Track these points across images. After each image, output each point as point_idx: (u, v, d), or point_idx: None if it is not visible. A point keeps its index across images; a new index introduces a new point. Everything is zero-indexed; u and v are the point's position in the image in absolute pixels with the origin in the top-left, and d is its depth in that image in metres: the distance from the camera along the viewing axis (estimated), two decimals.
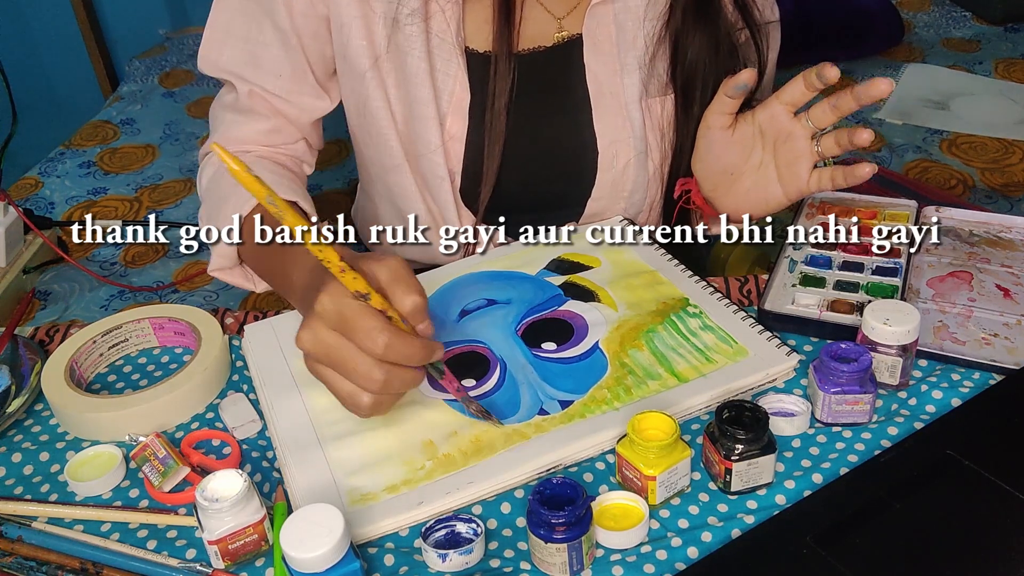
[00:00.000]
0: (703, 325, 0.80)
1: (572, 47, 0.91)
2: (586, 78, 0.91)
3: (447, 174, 0.92)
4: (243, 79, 0.91)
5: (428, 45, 0.87)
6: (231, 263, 0.88)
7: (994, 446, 0.66)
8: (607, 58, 0.91)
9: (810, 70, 0.77)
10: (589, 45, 0.90)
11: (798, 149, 0.82)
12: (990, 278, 0.84)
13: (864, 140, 0.76)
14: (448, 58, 0.88)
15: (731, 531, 0.63)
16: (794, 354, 0.76)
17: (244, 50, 0.90)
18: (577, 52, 0.91)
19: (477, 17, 0.88)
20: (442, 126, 0.90)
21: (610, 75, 0.91)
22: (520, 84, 0.89)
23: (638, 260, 0.90)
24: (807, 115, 0.81)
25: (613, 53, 0.90)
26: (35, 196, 1.64)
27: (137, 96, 1.99)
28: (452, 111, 0.89)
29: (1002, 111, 1.76)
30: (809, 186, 0.83)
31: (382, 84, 0.89)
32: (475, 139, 0.91)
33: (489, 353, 0.79)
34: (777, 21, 0.99)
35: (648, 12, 0.90)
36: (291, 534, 0.57)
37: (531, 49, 0.91)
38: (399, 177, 0.94)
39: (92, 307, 1.35)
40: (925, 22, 2.10)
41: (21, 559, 0.65)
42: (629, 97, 0.92)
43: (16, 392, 0.80)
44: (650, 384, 0.74)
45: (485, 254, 0.93)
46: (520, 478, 0.68)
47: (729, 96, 0.83)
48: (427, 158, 0.91)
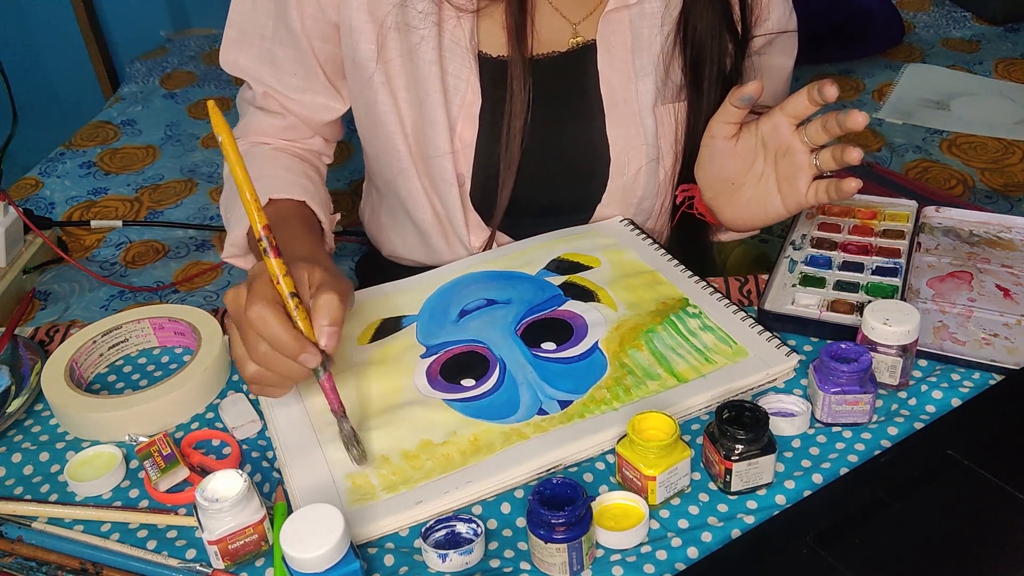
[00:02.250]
0: (703, 325, 0.80)
1: (586, 53, 0.91)
2: (599, 84, 0.91)
3: (455, 179, 0.91)
4: (259, 80, 0.94)
5: (440, 50, 0.87)
6: (241, 252, 0.91)
7: (994, 446, 0.66)
8: (621, 64, 0.90)
9: (813, 84, 0.78)
10: (603, 51, 0.90)
11: (798, 163, 0.82)
12: (990, 278, 0.84)
13: (857, 124, 0.75)
14: (461, 63, 0.88)
15: (731, 531, 0.63)
16: (794, 354, 0.76)
17: (260, 48, 0.92)
18: (591, 58, 0.90)
19: (491, 22, 0.88)
20: (452, 131, 0.90)
21: (624, 82, 0.91)
22: (533, 89, 0.88)
23: (638, 260, 0.90)
24: (805, 130, 0.81)
25: (627, 59, 0.90)
26: (35, 196, 1.64)
27: (138, 97, 1.99)
28: (463, 116, 0.89)
29: (1002, 111, 1.76)
30: (807, 199, 0.83)
31: (390, 89, 0.89)
32: (485, 145, 0.91)
33: (488, 353, 0.79)
34: (795, 31, 0.99)
35: (664, 18, 0.89)
36: (291, 534, 0.57)
37: (545, 54, 0.90)
38: (406, 181, 0.95)
39: (92, 307, 1.35)
40: (925, 22, 2.10)
41: (21, 559, 0.65)
42: (642, 104, 0.91)
43: (16, 392, 0.80)
44: (649, 384, 0.74)
45: (485, 252, 0.93)
46: (519, 478, 0.68)
47: (735, 106, 0.83)
48: (436, 162, 0.91)
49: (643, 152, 0.93)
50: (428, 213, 0.96)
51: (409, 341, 0.81)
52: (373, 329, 0.83)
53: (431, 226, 0.96)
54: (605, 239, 0.93)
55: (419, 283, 0.89)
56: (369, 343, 0.81)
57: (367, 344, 0.81)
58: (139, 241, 1.52)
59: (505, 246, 0.95)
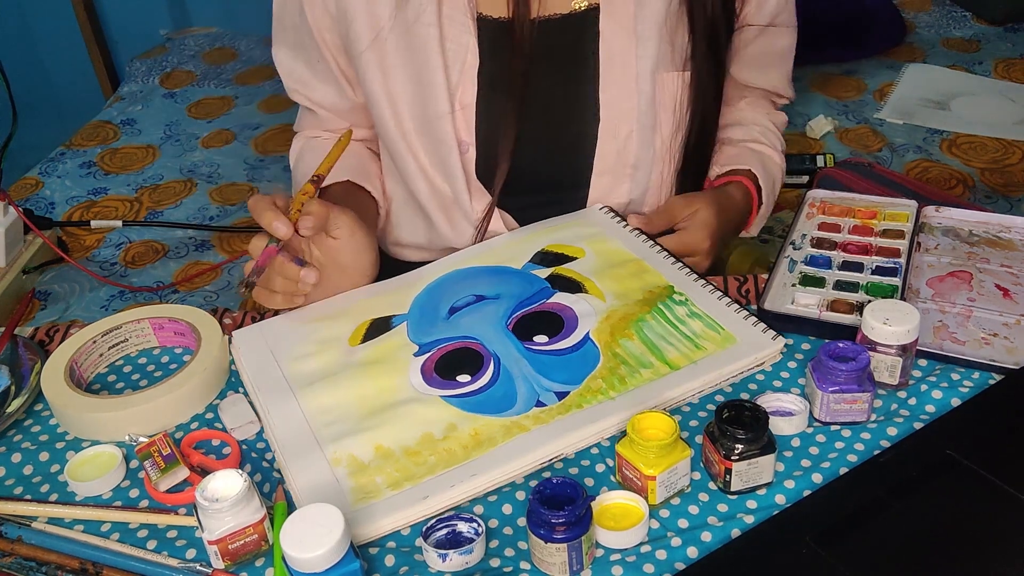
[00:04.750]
0: (690, 312, 0.81)
1: (588, 15, 0.91)
2: (599, 47, 0.91)
3: (456, 144, 0.92)
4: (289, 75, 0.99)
5: (439, 14, 0.88)
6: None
7: (994, 446, 0.66)
8: (623, 28, 0.90)
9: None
10: (606, 14, 0.90)
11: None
12: (990, 278, 0.84)
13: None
14: (460, 27, 0.88)
15: (731, 531, 0.63)
16: (780, 338, 0.77)
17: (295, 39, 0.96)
18: (593, 20, 0.90)
19: None
20: (451, 95, 0.90)
21: (624, 45, 0.91)
22: (534, 51, 0.89)
23: (622, 248, 0.90)
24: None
25: (630, 24, 0.90)
26: (35, 196, 1.64)
27: (138, 97, 1.99)
28: (463, 79, 0.90)
29: (1002, 111, 1.76)
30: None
31: (381, 64, 0.90)
32: (485, 108, 0.91)
33: (482, 348, 0.79)
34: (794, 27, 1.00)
35: None
36: (291, 534, 0.57)
37: (548, 16, 0.90)
38: (400, 158, 0.95)
39: (92, 307, 1.35)
40: (926, 22, 2.11)
41: (21, 559, 0.65)
42: (642, 68, 0.91)
43: (16, 392, 0.80)
44: (643, 373, 0.75)
45: (469, 248, 0.94)
46: (523, 469, 0.68)
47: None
48: (436, 125, 0.91)
49: (635, 117, 0.93)
50: (426, 190, 0.96)
51: (401, 340, 0.81)
52: (363, 330, 0.83)
53: (430, 201, 0.96)
54: (588, 228, 0.93)
55: (405, 282, 0.89)
56: (360, 344, 0.81)
57: (358, 345, 0.81)
58: (139, 241, 1.52)
59: (488, 240, 0.95)
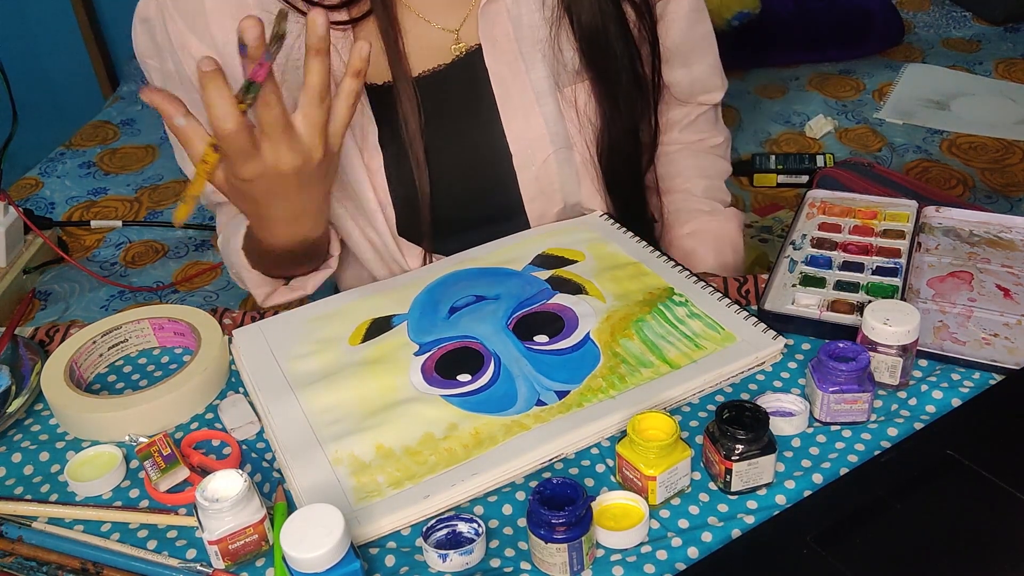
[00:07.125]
0: (689, 313, 0.81)
1: (473, 57, 0.90)
2: (491, 84, 0.90)
3: (379, 206, 0.90)
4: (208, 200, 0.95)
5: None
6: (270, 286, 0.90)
7: (994, 446, 0.66)
8: (509, 57, 0.89)
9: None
10: (488, 48, 0.89)
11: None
12: (990, 278, 0.84)
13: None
14: None
15: (731, 531, 0.63)
16: (780, 337, 0.77)
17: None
18: (479, 60, 0.90)
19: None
20: (364, 162, 0.89)
21: (515, 74, 0.90)
22: (428, 106, 0.88)
23: (620, 252, 0.90)
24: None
25: (514, 50, 0.89)
26: (35, 196, 1.64)
27: (137, 96, 1.98)
28: (366, 146, 0.88)
29: (1002, 111, 1.77)
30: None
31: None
32: (395, 171, 0.90)
33: (482, 348, 0.79)
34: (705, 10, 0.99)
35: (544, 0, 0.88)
36: (291, 534, 0.57)
37: (431, 69, 0.89)
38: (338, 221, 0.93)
39: (92, 307, 1.35)
40: (925, 22, 2.11)
41: (21, 559, 0.65)
42: (539, 91, 0.91)
43: (16, 392, 0.80)
44: (643, 372, 0.75)
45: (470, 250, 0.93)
46: (524, 468, 0.68)
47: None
48: (358, 190, 0.89)
49: (546, 140, 0.92)
50: (362, 242, 0.94)
51: (401, 340, 0.81)
52: (364, 329, 0.83)
53: (367, 252, 0.95)
54: (587, 233, 0.94)
55: (404, 282, 0.89)
56: (361, 343, 0.81)
57: (359, 344, 0.81)
58: (139, 241, 1.52)
59: (489, 243, 0.95)
